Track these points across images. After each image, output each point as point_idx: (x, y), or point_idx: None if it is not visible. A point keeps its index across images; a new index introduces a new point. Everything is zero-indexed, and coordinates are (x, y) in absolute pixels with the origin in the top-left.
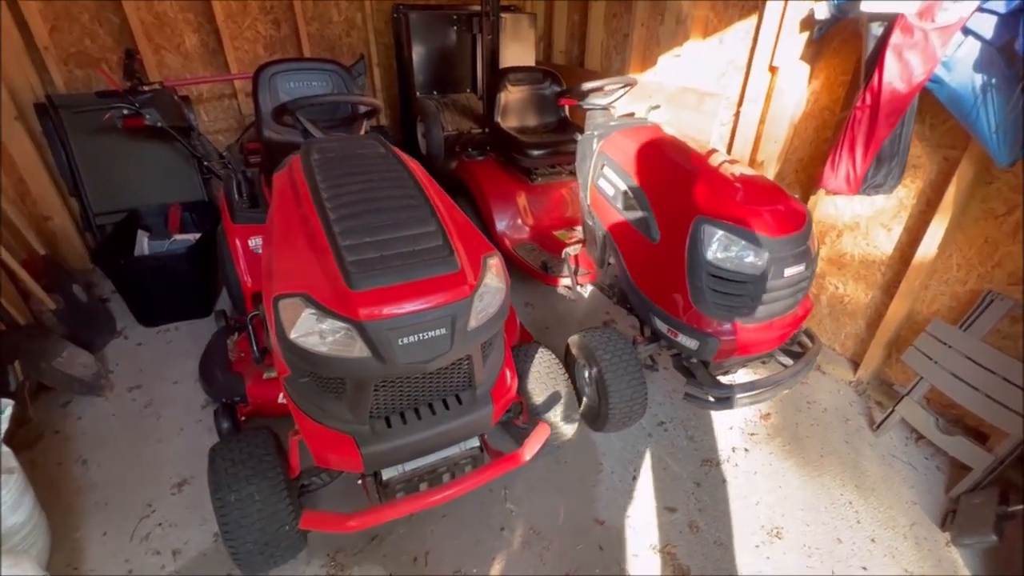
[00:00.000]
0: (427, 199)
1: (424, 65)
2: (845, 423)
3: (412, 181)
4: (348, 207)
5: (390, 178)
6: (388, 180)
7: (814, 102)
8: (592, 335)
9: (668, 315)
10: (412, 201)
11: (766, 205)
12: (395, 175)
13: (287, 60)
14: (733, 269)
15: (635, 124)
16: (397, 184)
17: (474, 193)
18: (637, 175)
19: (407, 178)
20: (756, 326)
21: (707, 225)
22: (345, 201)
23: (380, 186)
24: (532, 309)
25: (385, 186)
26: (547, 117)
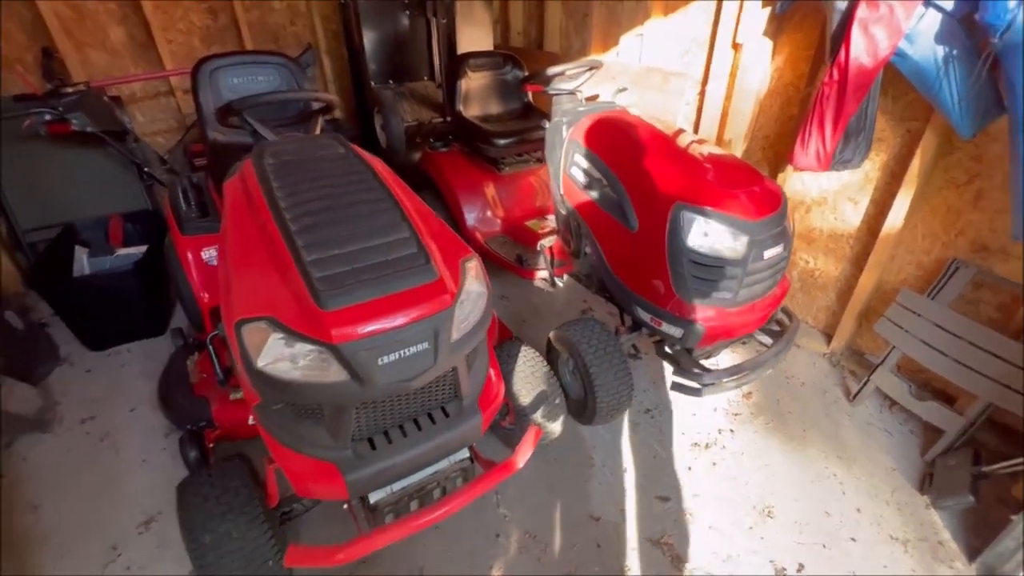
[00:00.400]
0: (397, 202)
1: (377, 53)
2: (823, 395)
3: (378, 183)
4: (310, 216)
5: (354, 181)
6: (352, 183)
7: (778, 79)
8: (573, 328)
9: (650, 304)
10: (381, 205)
11: (742, 187)
12: (359, 177)
13: (228, 54)
14: (714, 255)
15: (603, 108)
16: (362, 187)
17: (440, 186)
18: (610, 162)
19: (373, 180)
20: (738, 309)
21: (686, 211)
22: (306, 210)
23: (344, 191)
24: (508, 303)
25: (350, 190)
26: (511, 103)
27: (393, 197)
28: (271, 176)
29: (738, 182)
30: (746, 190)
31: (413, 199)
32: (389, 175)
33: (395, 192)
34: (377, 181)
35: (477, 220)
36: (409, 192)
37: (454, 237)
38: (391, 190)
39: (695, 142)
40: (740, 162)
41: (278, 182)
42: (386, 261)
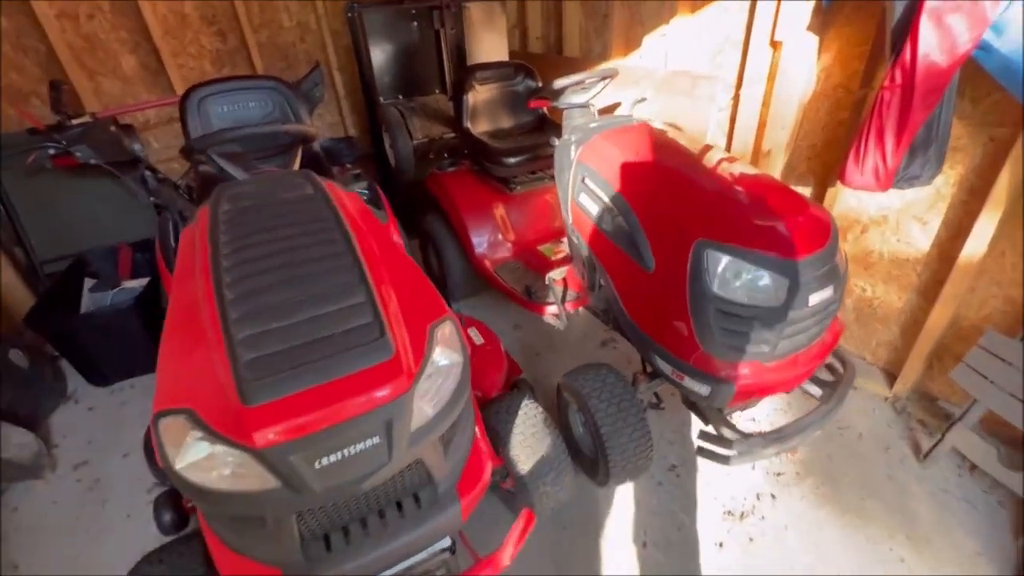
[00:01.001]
0: (357, 257)
1: (386, 67)
2: (886, 452)
3: (340, 232)
4: (251, 280)
5: (314, 230)
6: (311, 233)
7: (825, 79)
8: (583, 378)
9: (672, 356)
10: (337, 262)
11: (780, 217)
12: (320, 226)
13: (217, 81)
14: (746, 302)
15: (618, 124)
16: (321, 238)
17: (447, 209)
18: (623, 189)
19: (334, 229)
20: (777, 363)
21: (710, 250)
22: (249, 271)
23: (300, 243)
24: (521, 332)
25: (306, 242)
26: (522, 117)
27: (354, 251)
28: (221, 226)
29: (776, 210)
30: (786, 220)
31: (387, 247)
32: (360, 218)
33: (360, 242)
34: (340, 230)
35: (486, 245)
36: (384, 237)
37: (431, 295)
38: (354, 241)
39: (725, 161)
40: (778, 184)
41: (228, 235)
42: (332, 336)
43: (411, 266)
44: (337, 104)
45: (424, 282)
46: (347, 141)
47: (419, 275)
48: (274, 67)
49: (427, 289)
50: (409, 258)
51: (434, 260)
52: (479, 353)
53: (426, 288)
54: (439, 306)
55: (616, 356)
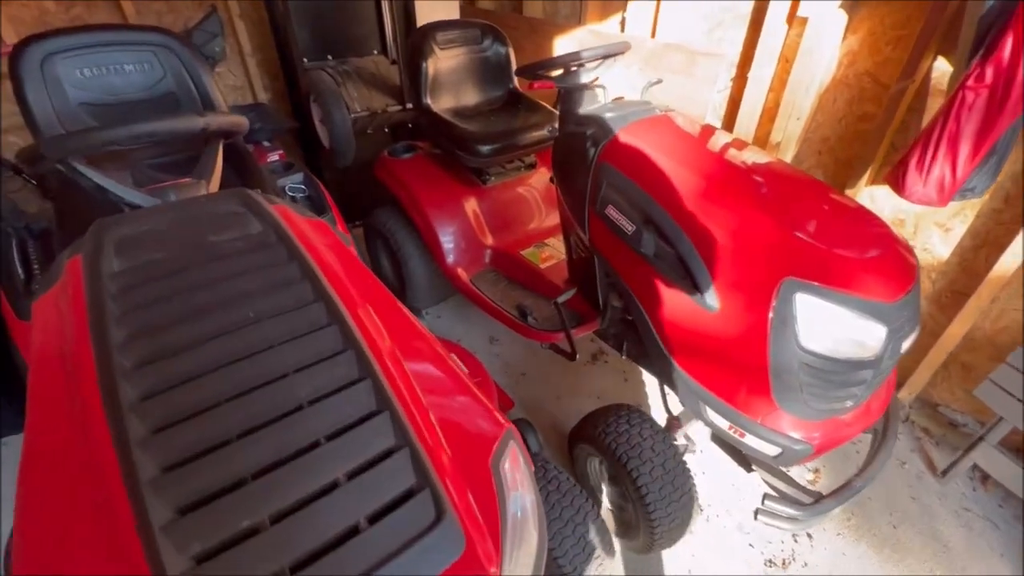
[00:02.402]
0: (367, 361)
1: (309, 19)
2: (902, 468)
3: (327, 309)
4: (177, 399)
5: (279, 306)
6: (274, 316)
7: (848, 65)
8: (608, 427)
9: (732, 410)
10: (334, 372)
11: (873, 249)
12: (287, 297)
13: (73, 31)
14: (840, 357)
15: (642, 113)
16: (294, 327)
17: (406, 205)
18: (670, 204)
19: (313, 302)
20: (853, 414)
21: (803, 294)
22: (177, 403)
23: (256, 338)
24: (500, 347)
25: (268, 335)
26: (492, 90)
27: (359, 346)
28: (112, 311)
29: (867, 240)
30: (879, 253)
31: (392, 314)
32: (345, 271)
33: (360, 325)
34: (324, 301)
35: (458, 253)
36: (382, 296)
37: (472, 396)
38: (351, 325)
39: (779, 168)
40: (854, 204)
41: (126, 327)
42: (349, 525)
43: (423, 337)
44: (242, 62)
45: (447, 365)
46: (258, 110)
47: (438, 354)
48: (148, 10)
49: (456, 377)
50: (415, 323)
51: (386, 261)
52: None
53: (454, 375)
54: (484, 408)
55: (611, 376)
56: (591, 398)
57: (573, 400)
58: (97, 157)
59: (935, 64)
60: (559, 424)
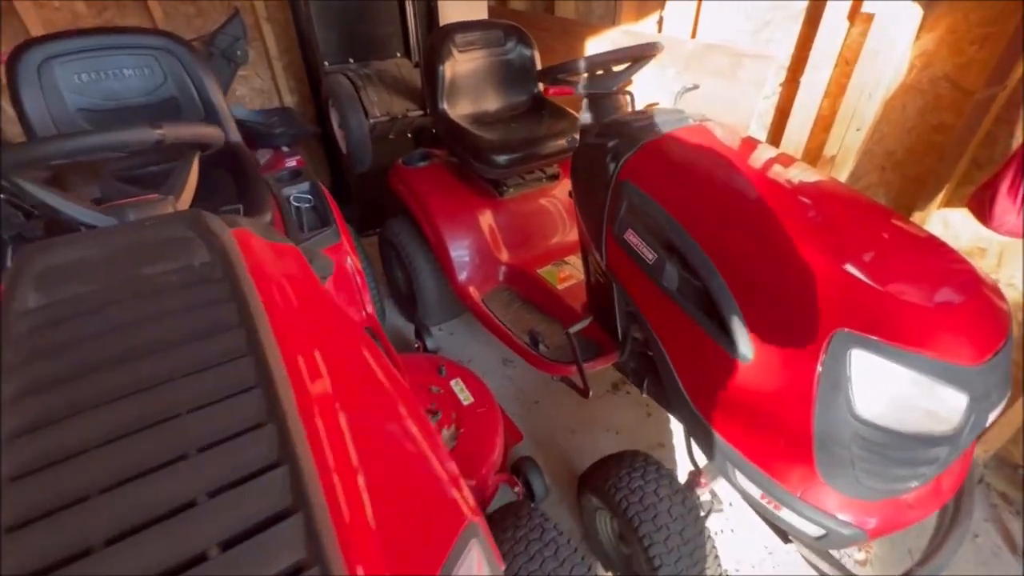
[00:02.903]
0: (284, 425)
1: (331, 21)
2: (975, 541)
3: (254, 359)
4: (42, 482)
5: (198, 346)
6: (192, 351)
7: (922, 68)
8: (619, 479)
9: (767, 478)
10: (241, 411)
11: (948, 292)
12: (211, 338)
13: (69, 35)
14: (906, 430)
15: (674, 124)
16: (214, 370)
17: (418, 216)
18: (700, 233)
19: (242, 344)
20: (919, 494)
21: (860, 350)
22: (44, 453)
23: (170, 401)
24: (513, 370)
25: (183, 398)
26: (515, 95)
27: (281, 416)
28: (7, 347)
29: (936, 279)
30: (956, 297)
31: (361, 370)
32: (306, 309)
33: (299, 385)
34: (255, 355)
35: (469, 268)
36: (352, 342)
37: (431, 478)
38: (289, 385)
39: (833, 190)
40: (929, 237)
41: (15, 379)
42: None
43: (386, 393)
44: (268, 65)
45: (409, 432)
46: (282, 114)
47: (399, 416)
48: (177, 12)
49: (417, 453)
50: (380, 374)
51: (399, 274)
52: (468, 420)
53: (414, 447)
54: (445, 493)
55: (632, 409)
56: (609, 433)
57: (588, 435)
58: (63, 169)
59: None
60: (571, 462)
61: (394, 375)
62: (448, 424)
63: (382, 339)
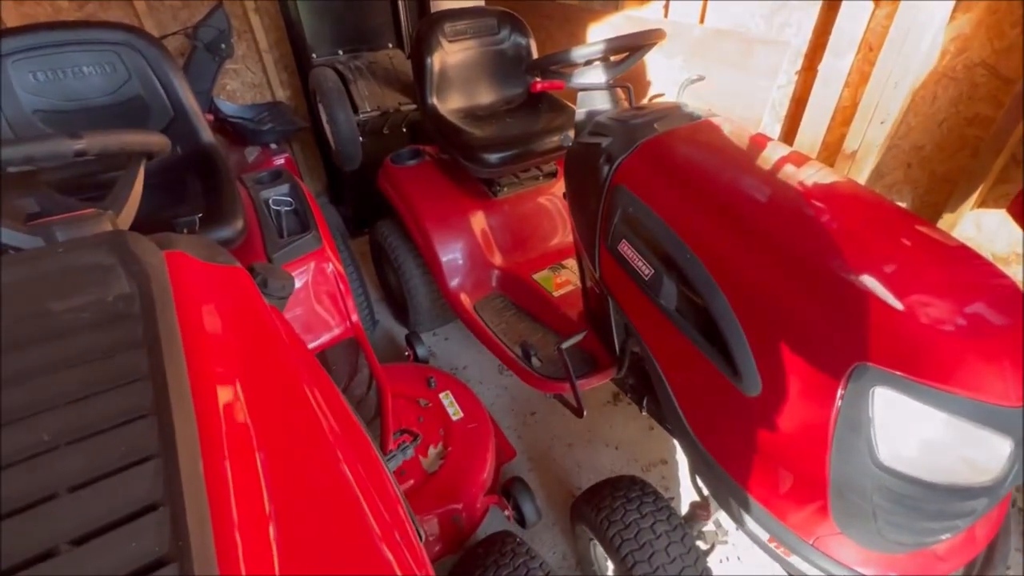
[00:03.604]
0: (180, 505)
1: (319, 11)
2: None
3: (157, 419)
4: None
5: (95, 403)
6: (87, 410)
7: (956, 53)
8: (612, 511)
9: (775, 521)
10: (133, 489)
11: (987, 318)
12: (112, 393)
13: (20, 30)
14: (944, 482)
15: (676, 121)
16: (108, 434)
17: (406, 218)
18: (702, 247)
19: (147, 400)
20: (950, 546)
21: (884, 388)
22: None
23: (38, 460)
24: (510, 380)
25: (63, 459)
26: (508, 88)
27: (178, 494)
28: None
29: (972, 301)
30: (996, 323)
31: (300, 414)
32: (244, 343)
33: (211, 443)
34: (159, 414)
35: (460, 273)
36: (294, 381)
37: (369, 548)
38: (196, 448)
39: (854, 195)
40: (950, 240)
41: None
42: None
43: (325, 444)
44: (259, 58)
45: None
46: (273, 109)
47: (339, 471)
48: (163, 8)
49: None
50: (323, 418)
51: (392, 277)
52: (457, 437)
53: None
54: (383, 560)
55: (634, 422)
56: (609, 448)
57: (587, 450)
58: None
59: None
60: (568, 479)
61: (344, 412)
62: (435, 443)
63: (366, 349)
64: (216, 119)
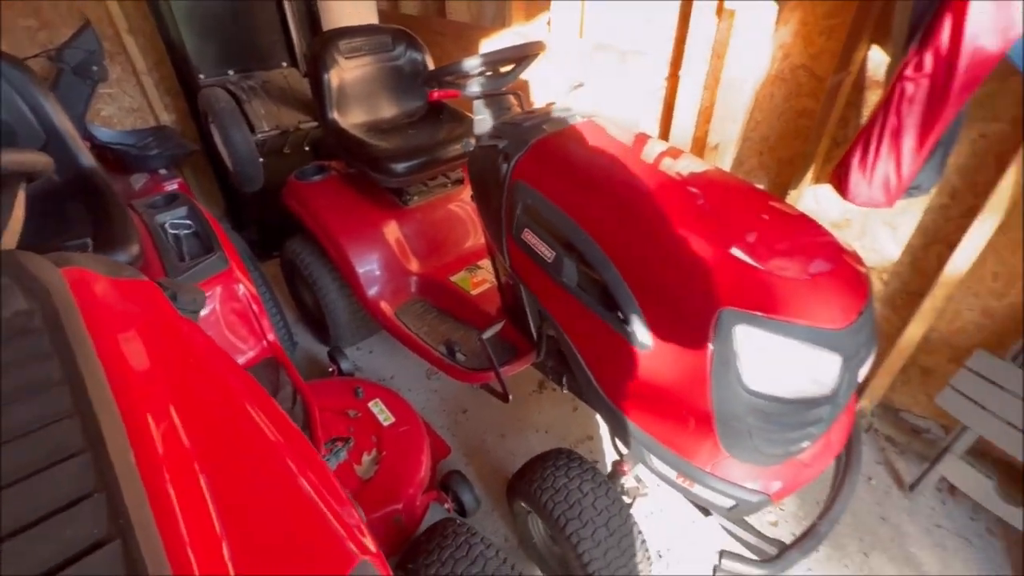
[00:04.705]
0: (116, 491)
1: (203, 30)
2: (869, 484)
3: (80, 420)
4: None
5: (13, 409)
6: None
7: (783, 59)
8: (542, 480)
9: (678, 458)
10: (62, 486)
11: (816, 265)
12: (29, 398)
13: None
14: (797, 397)
15: (562, 123)
16: (33, 436)
17: (317, 233)
18: (592, 227)
19: (67, 403)
20: (813, 453)
21: (743, 326)
22: None
23: None
24: (439, 382)
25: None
26: (409, 101)
27: (113, 484)
28: None
29: (806, 254)
30: (823, 268)
31: (231, 412)
32: (161, 353)
33: (141, 438)
34: (82, 415)
35: (378, 283)
36: (221, 384)
37: (315, 518)
38: (126, 442)
39: (715, 177)
40: (791, 210)
41: None
42: None
43: (264, 442)
44: (137, 80)
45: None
46: (158, 133)
47: (280, 460)
48: (16, 28)
49: (298, 495)
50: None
51: (308, 296)
52: (390, 442)
53: (295, 492)
54: (332, 533)
55: (560, 405)
56: (539, 433)
57: (519, 438)
58: None
59: (869, 54)
60: (504, 467)
61: (281, 419)
62: (368, 449)
63: (288, 368)
64: (93, 146)
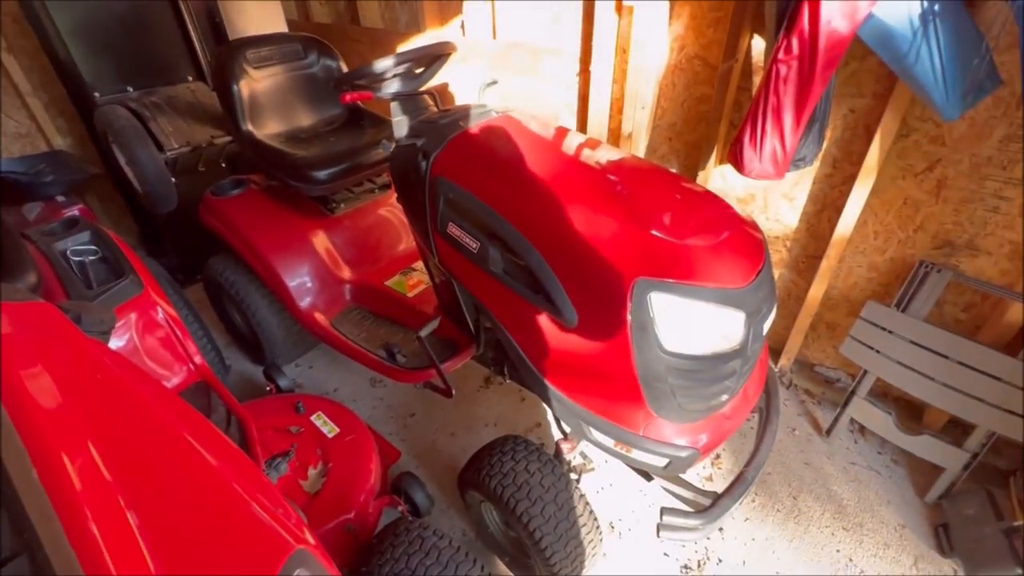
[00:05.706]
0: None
1: (93, 46)
2: (792, 434)
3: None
4: None
5: None
6: None
7: (679, 50)
8: (490, 468)
9: (613, 426)
10: None
11: (718, 233)
12: None
13: None
14: (710, 353)
15: (478, 118)
16: None
17: (240, 250)
18: (512, 215)
19: None
20: (733, 405)
21: (657, 292)
22: None
23: None
24: (384, 389)
25: None
26: (327, 109)
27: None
28: None
29: (711, 225)
30: (725, 237)
31: (152, 422)
32: (69, 374)
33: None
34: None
35: (311, 294)
36: (135, 396)
37: (246, 518)
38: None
39: (623, 160)
40: (697, 187)
41: None
42: None
43: (189, 450)
44: (22, 103)
45: (219, 479)
46: (51, 159)
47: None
48: None
49: (230, 497)
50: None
51: (237, 315)
52: (336, 453)
53: (227, 495)
54: (265, 528)
55: (507, 398)
56: (489, 427)
57: (469, 434)
58: None
59: (752, 42)
60: (456, 465)
61: (214, 435)
62: (314, 463)
63: (219, 390)
64: None
